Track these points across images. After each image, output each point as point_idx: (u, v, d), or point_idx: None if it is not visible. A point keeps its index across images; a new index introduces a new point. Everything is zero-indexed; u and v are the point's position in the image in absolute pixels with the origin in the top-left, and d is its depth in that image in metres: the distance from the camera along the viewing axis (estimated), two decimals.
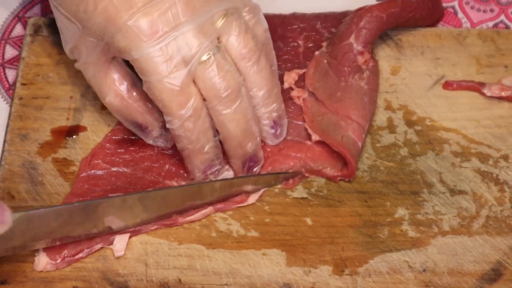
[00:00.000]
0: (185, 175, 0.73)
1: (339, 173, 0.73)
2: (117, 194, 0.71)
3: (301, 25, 0.81)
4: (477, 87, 0.79)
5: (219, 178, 0.72)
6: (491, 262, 0.70)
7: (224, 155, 0.72)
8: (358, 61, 0.76)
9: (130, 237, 0.70)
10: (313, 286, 0.69)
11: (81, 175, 0.73)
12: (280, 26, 0.81)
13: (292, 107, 0.77)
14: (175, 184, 0.73)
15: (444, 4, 0.87)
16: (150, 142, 0.74)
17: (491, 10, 0.87)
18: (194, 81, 0.67)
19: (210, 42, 0.67)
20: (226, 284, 0.69)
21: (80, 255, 0.69)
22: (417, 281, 0.69)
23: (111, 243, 0.70)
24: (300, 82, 0.78)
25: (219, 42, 0.68)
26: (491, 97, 0.79)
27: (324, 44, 0.79)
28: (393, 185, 0.74)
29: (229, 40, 0.68)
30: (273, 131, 0.73)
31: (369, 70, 0.77)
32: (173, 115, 0.67)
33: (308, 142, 0.75)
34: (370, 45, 0.77)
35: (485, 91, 0.79)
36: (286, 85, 0.77)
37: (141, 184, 0.73)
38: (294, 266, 0.70)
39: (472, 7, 0.87)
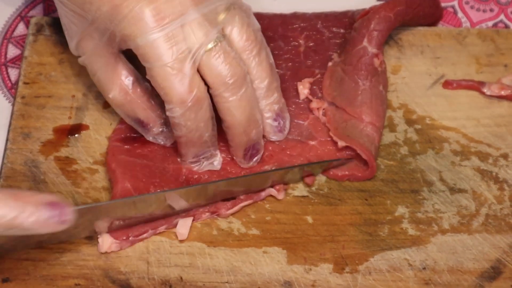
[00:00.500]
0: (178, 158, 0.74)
1: (360, 174, 0.74)
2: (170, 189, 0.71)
3: (301, 24, 0.81)
4: (476, 86, 0.79)
5: (210, 161, 0.73)
6: (491, 260, 0.71)
7: (220, 143, 0.73)
8: (375, 63, 0.76)
9: (193, 220, 0.71)
10: (314, 284, 0.69)
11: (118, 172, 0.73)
12: (281, 26, 0.81)
13: (293, 106, 0.77)
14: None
15: (444, 4, 0.87)
16: (150, 139, 0.74)
17: (491, 10, 0.87)
18: (199, 70, 0.67)
19: (216, 31, 0.67)
20: (227, 282, 0.69)
21: (145, 235, 0.70)
22: (417, 279, 0.70)
23: (175, 226, 0.71)
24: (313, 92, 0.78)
25: (222, 33, 0.69)
26: (491, 96, 0.79)
27: (335, 55, 0.79)
28: (393, 183, 0.74)
29: (232, 32, 0.69)
30: (276, 123, 0.74)
31: (382, 72, 0.77)
32: (174, 103, 0.67)
33: (311, 142, 0.75)
34: (382, 46, 0.77)
35: (484, 90, 0.79)
36: (302, 96, 0.78)
37: (164, 172, 0.73)
38: (294, 264, 0.70)
39: (471, 7, 0.87)
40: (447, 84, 0.80)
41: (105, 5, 0.66)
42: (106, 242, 0.69)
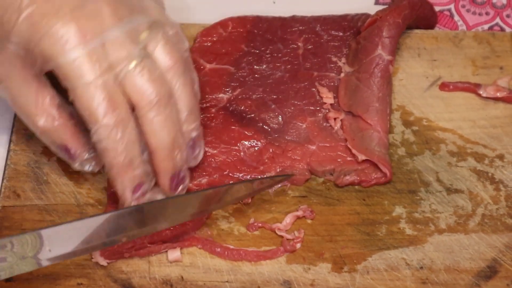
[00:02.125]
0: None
1: (373, 180, 0.74)
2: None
3: (300, 27, 0.82)
4: (472, 88, 0.80)
5: (146, 197, 0.69)
6: (487, 259, 0.71)
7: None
8: (390, 70, 0.77)
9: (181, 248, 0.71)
10: (313, 283, 0.70)
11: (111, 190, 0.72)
12: (280, 29, 0.82)
13: (292, 108, 0.78)
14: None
15: (441, 7, 0.88)
16: (76, 166, 0.71)
17: (487, 13, 0.88)
18: (123, 90, 0.65)
19: (139, 49, 0.65)
20: (227, 281, 0.70)
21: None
22: (414, 278, 0.70)
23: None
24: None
25: (146, 51, 0.66)
26: (487, 98, 0.79)
27: (342, 64, 0.80)
28: (390, 184, 0.75)
29: (156, 50, 0.67)
30: (191, 150, 0.71)
31: (391, 79, 0.78)
32: (99, 123, 0.64)
33: (310, 146, 0.76)
34: (395, 52, 0.78)
35: (480, 92, 0.79)
36: (330, 101, 0.78)
37: None
38: (294, 263, 0.71)
39: (468, 10, 0.88)
40: (444, 86, 0.80)
41: (23, 23, 0.63)
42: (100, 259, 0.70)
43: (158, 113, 0.66)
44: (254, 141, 0.76)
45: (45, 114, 0.67)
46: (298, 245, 0.71)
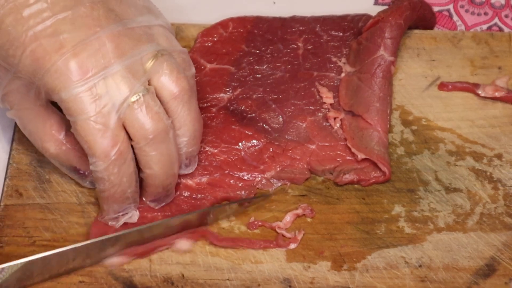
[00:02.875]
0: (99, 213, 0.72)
1: (373, 179, 0.75)
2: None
3: (300, 28, 0.82)
4: (471, 88, 0.80)
5: (127, 217, 0.71)
6: (485, 257, 0.71)
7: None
8: (391, 70, 0.77)
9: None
10: (312, 281, 0.70)
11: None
12: (280, 29, 0.82)
13: (292, 107, 0.78)
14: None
15: (440, 8, 0.88)
16: (87, 184, 0.73)
17: (485, 13, 0.88)
18: (123, 122, 0.66)
19: (140, 84, 0.66)
20: (228, 279, 0.70)
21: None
22: (413, 276, 0.70)
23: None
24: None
25: (149, 84, 0.67)
26: (485, 98, 0.80)
27: (343, 64, 0.80)
28: (389, 183, 0.75)
29: (160, 80, 0.67)
30: (186, 167, 0.73)
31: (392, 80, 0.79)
32: (98, 157, 0.65)
33: (310, 146, 0.77)
34: (397, 53, 0.79)
35: (479, 92, 0.80)
36: (329, 101, 0.78)
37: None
38: (293, 261, 0.71)
39: (466, 10, 0.88)
40: (443, 86, 0.81)
41: (27, 58, 0.64)
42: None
43: (154, 149, 0.67)
44: (254, 141, 0.76)
45: (52, 140, 0.70)
46: (292, 246, 0.72)
